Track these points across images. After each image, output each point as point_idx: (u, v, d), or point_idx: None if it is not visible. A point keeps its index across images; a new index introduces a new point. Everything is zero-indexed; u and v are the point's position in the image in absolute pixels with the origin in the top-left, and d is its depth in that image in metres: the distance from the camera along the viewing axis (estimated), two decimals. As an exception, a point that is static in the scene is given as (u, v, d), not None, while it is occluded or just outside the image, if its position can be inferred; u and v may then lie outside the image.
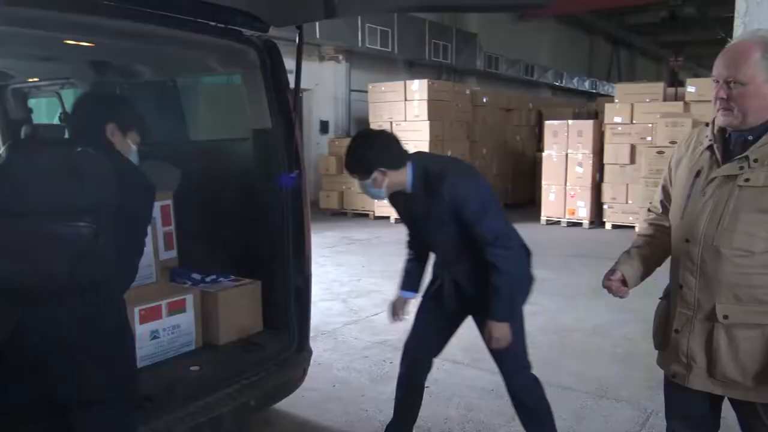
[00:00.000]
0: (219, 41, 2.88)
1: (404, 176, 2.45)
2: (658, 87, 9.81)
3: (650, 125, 8.98)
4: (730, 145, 1.80)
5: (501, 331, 2.47)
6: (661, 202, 2.05)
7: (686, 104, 9.11)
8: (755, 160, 1.70)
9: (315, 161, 11.49)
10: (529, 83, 17.74)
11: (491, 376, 3.85)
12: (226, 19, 2.79)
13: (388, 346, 4.38)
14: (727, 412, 1.91)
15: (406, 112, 9.94)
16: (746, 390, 1.76)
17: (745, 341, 1.72)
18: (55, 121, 5.31)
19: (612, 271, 2.00)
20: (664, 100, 9.52)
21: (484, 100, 11.63)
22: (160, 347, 2.66)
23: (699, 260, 1.78)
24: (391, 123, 10.04)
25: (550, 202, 10.03)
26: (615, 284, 1.98)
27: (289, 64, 3.01)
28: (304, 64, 2.95)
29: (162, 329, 2.66)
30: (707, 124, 1.88)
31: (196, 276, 3.05)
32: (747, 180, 1.70)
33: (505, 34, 16.32)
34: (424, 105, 9.78)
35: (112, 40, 2.97)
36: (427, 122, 9.75)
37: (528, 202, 12.11)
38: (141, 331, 2.56)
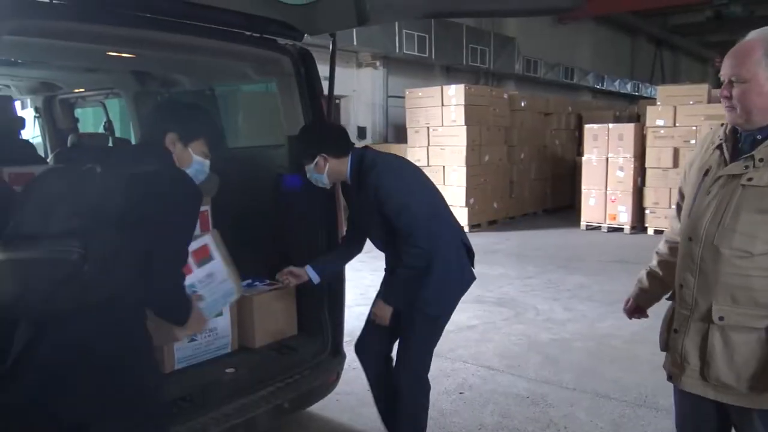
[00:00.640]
0: (254, 50, 2.95)
1: (344, 166, 2.60)
2: (702, 89, 9.56)
3: (694, 128, 8.76)
4: (739, 144, 1.78)
5: (383, 311, 2.65)
6: (678, 204, 2.03)
7: (732, 105, 8.86)
8: (761, 160, 1.68)
9: (352, 167, 11.54)
10: (568, 86, 17.50)
11: (527, 383, 3.82)
12: (261, 28, 2.85)
13: (422, 352, 4.38)
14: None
15: (443, 117, 9.91)
16: (740, 396, 1.72)
17: (741, 345, 1.69)
18: (100, 129, 5.48)
19: (627, 301, 2.15)
20: (709, 102, 9.27)
21: (522, 104, 11.52)
22: (197, 350, 2.72)
23: (699, 259, 1.76)
24: (428, 128, 10.04)
25: (590, 207, 9.87)
26: (631, 312, 2.14)
27: (324, 70, 3.06)
28: (342, 71, 3.00)
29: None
30: (722, 124, 1.86)
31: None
32: (750, 179, 1.68)
33: (544, 37, 16.15)
34: (461, 110, 9.75)
35: (153, 51, 3.06)
36: (464, 127, 9.71)
37: (567, 207, 11.95)
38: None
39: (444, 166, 9.93)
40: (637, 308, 2.13)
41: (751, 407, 1.72)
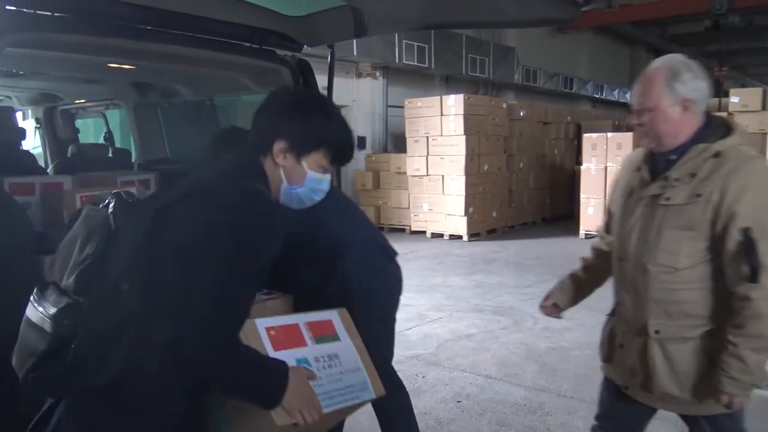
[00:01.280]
0: (253, 61, 2.98)
1: None
2: (700, 98, 9.61)
3: (692, 137, 8.80)
4: (657, 165, 1.88)
5: None
6: (606, 223, 2.14)
7: (730, 115, 8.89)
8: (676, 179, 1.79)
9: (352, 177, 11.60)
10: (568, 96, 17.56)
11: (524, 392, 3.83)
12: (260, 39, 2.89)
13: (420, 361, 4.39)
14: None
15: (443, 126, 9.96)
16: (685, 404, 1.83)
17: (679, 355, 1.79)
18: (101, 140, 5.52)
19: (546, 297, 2.22)
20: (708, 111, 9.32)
21: (522, 113, 11.58)
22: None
23: (631, 277, 1.88)
24: (427, 138, 10.09)
25: (589, 216, 9.89)
26: (548, 309, 2.21)
27: (324, 81, 3.09)
28: (342, 81, 3.03)
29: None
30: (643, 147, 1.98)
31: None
32: (668, 199, 1.79)
33: (543, 47, 16.22)
34: (460, 119, 9.79)
35: (153, 63, 3.10)
36: (464, 137, 9.75)
37: (566, 216, 11.96)
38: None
39: (443, 176, 9.97)
40: (554, 307, 2.21)
41: (696, 414, 1.83)
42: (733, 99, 9.07)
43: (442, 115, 9.97)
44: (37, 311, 1.39)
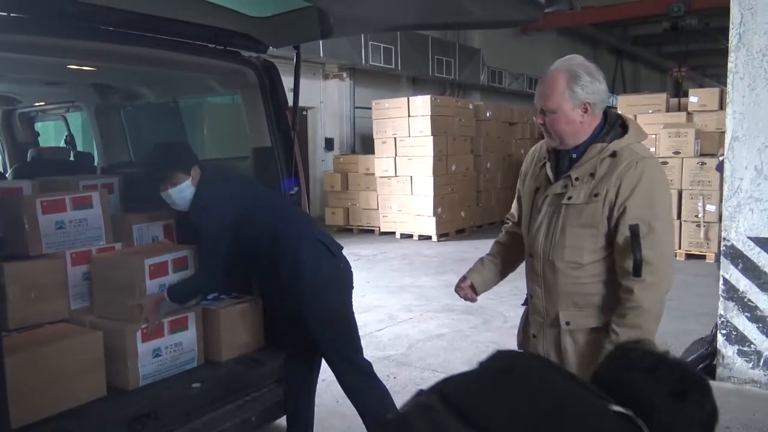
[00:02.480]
0: (218, 63, 2.95)
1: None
2: (661, 98, 9.82)
3: (653, 136, 8.97)
4: (561, 162, 1.96)
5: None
6: (516, 210, 2.22)
7: (689, 114, 9.11)
8: (576, 179, 1.88)
9: (320, 178, 11.55)
10: (533, 96, 17.46)
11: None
12: (225, 41, 2.86)
13: (392, 362, 4.39)
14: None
15: (410, 127, 9.98)
16: None
17: (588, 344, 1.89)
18: (62, 144, 5.39)
19: (463, 278, 2.22)
20: (667, 110, 9.52)
21: (488, 114, 11.67)
22: (162, 365, 2.68)
23: (541, 273, 1.96)
24: (395, 139, 10.10)
25: (556, 215, 10.01)
26: (465, 291, 2.20)
27: (290, 82, 3.07)
28: (309, 83, 3.03)
29: (164, 347, 2.68)
30: None
31: (198, 294, 3.08)
32: (570, 198, 1.88)
33: (508, 48, 16.41)
34: (428, 120, 9.83)
35: (115, 64, 3.04)
36: (431, 137, 9.79)
37: (534, 215, 12.10)
38: (143, 349, 2.59)
39: (411, 176, 9.99)
40: (471, 288, 2.21)
41: None
42: (692, 99, 9.27)
43: (409, 116, 9.99)
44: None
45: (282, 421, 3.08)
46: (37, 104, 4.91)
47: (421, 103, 9.95)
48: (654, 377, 1.13)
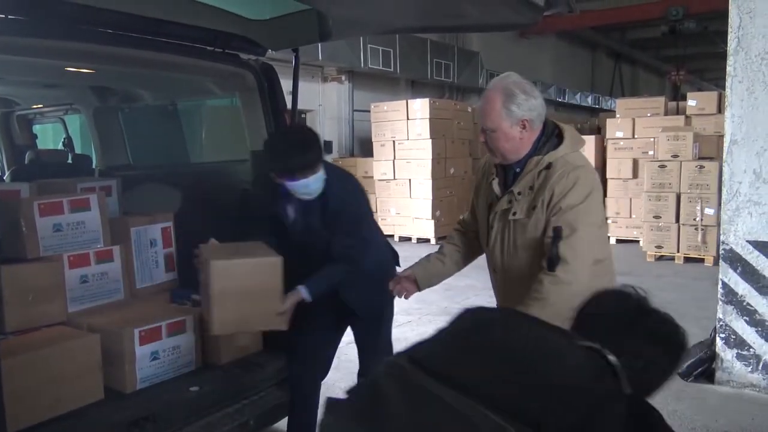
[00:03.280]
0: (217, 65, 2.95)
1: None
2: (659, 101, 9.85)
3: (652, 139, 9.00)
4: (507, 177, 2.04)
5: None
6: (470, 219, 2.30)
7: (687, 118, 9.13)
8: (519, 193, 1.95)
9: (319, 181, 11.53)
10: (531, 100, 17.79)
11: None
12: (223, 43, 2.85)
13: (390, 365, 4.38)
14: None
15: (409, 130, 9.99)
16: None
17: None
18: (60, 146, 5.39)
19: (405, 271, 2.31)
20: (666, 114, 9.55)
21: (487, 117, 11.68)
22: (160, 368, 2.67)
23: (503, 286, 2.06)
24: (393, 142, 10.10)
25: (554, 218, 10.02)
26: (402, 284, 2.26)
27: (289, 85, 3.06)
28: (307, 86, 3.03)
29: (162, 350, 2.67)
30: None
31: (196, 297, 3.06)
32: (514, 213, 1.95)
33: (507, 51, 16.42)
34: (426, 123, 9.85)
35: (114, 67, 3.04)
36: (430, 140, 9.80)
37: (532, 218, 12.10)
38: (141, 352, 2.57)
39: (410, 180, 10.00)
40: (414, 283, 2.26)
41: None
42: (690, 102, 9.30)
43: (408, 119, 10.00)
44: None
45: (280, 424, 3.08)
46: (35, 106, 4.91)
47: (420, 106, 9.96)
48: (627, 318, 1.21)
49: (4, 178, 4.43)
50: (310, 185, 2.50)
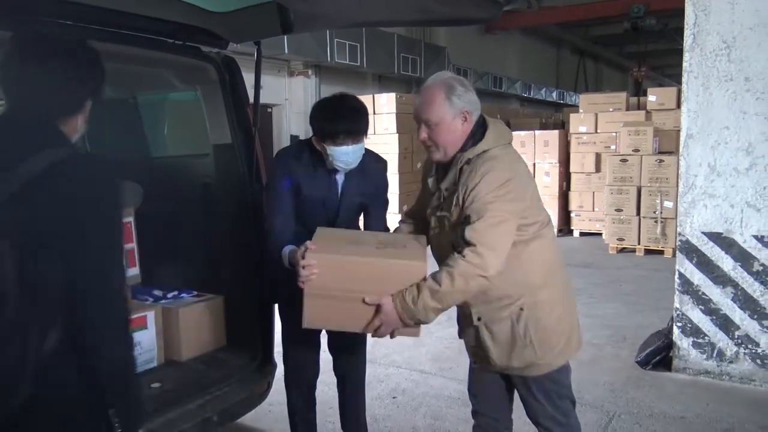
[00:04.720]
0: (177, 58, 2.90)
1: None
2: (621, 97, 10.04)
3: (614, 134, 9.17)
4: (439, 174, 2.12)
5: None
6: (417, 211, 2.37)
7: (648, 113, 9.33)
8: (446, 190, 2.02)
9: (286, 176, 11.45)
10: (497, 95, 17.97)
11: (458, 385, 3.90)
12: (184, 36, 2.81)
13: (356, 358, 4.40)
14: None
15: (375, 125, 9.99)
16: (519, 369, 2.10)
17: (500, 334, 2.05)
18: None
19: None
20: (627, 109, 9.75)
21: (453, 112, 11.76)
22: (121, 365, 2.63)
23: None
24: (360, 136, 10.09)
25: (519, 212, 10.14)
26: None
27: (251, 78, 3.03)
28: (273, 80, 3.00)
29: (123, 347, 2.64)
30: None
31: (157, 292, 3.04)
32: (442, 209, 2.03)
33: (473, 46, 16.54)
34: (393, 118, 9.87)
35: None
36: (396, 135, 9.82)
37: (498, 212, 12.22)
38: (101, 349, 2.54)
39: (377, 174, 10.00)
40: None
41: (526, 376, 2.12)
42: (651, 98, 9.50)
43: (374, 113, 9.99)
44: None
45: (245, 419, 3.07)
46: (-11, 100, 4.77)
47: (387, 101, 9.98)
48: None
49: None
50: (356, 153, 2.42)
